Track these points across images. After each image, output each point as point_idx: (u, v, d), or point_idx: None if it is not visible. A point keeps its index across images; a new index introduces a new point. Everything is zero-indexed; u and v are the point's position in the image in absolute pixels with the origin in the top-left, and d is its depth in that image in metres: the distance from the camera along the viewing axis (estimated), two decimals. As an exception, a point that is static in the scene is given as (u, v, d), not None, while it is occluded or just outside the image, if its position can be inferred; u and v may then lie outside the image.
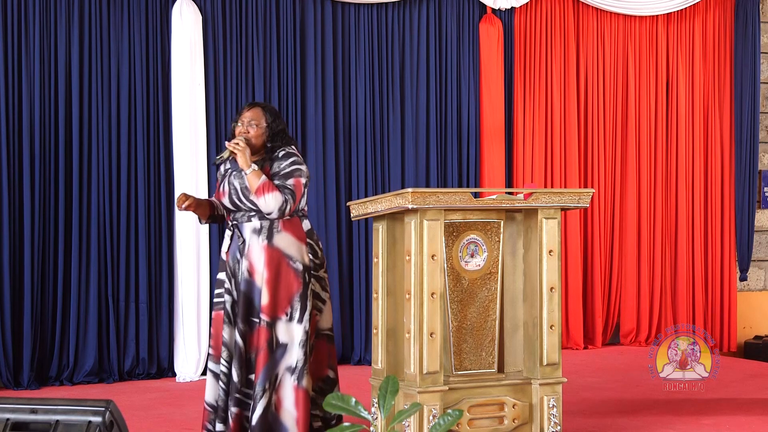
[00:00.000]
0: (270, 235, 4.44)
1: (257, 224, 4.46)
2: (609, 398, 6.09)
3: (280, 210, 4.39)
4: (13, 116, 6.62)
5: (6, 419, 3.74)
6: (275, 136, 4.55)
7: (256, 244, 4.44)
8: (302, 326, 4.42)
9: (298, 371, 4.41)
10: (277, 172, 4.46)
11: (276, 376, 4.40)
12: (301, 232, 4.51)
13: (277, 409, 4.40)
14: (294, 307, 4.42)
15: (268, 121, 4.55)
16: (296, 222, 4.51)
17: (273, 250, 4.43)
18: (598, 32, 8.38)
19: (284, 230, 4.46)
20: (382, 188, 7.55)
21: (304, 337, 4.42)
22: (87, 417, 3.73)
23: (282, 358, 4.41)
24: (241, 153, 4.41)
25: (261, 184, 4.38)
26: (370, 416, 2.45)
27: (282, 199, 4.39)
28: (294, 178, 4.46)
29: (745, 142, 8.77)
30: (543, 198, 4.59)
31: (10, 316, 6.57)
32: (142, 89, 6.91)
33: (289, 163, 4.49)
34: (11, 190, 6.60)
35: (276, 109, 4.67)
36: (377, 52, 7.61)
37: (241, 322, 4.42)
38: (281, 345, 4.41)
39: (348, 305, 7.50)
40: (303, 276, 4.46)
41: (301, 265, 4.46)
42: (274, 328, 4.40)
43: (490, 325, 4.62)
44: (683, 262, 8.56)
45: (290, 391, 4.40)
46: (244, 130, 4.52)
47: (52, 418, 3.74)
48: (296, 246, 4.47)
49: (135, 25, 6.91)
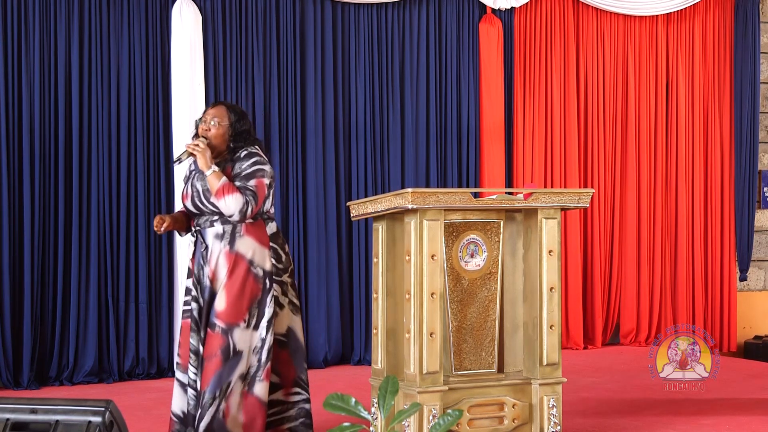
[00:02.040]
0: (232, 241, 4.30)
1: (220, 229, 4.32)
2: (609, 398, 6.09)
3: (241, 212, 4.25)
4: (13, 116, 6.62)
5: (6, 419, 3.74)
6: (238, 136, 4.39)
7: (218, 250, 4.30)
8: (258, 333, 4.30)
9: (250, 378, 4.29)
10: (239, 173, 4.32)
11: (228, 384, 4.25)
12: (265, 236, 4.38)
13: (224, 417, 4.25)
14: (252, 313, 4.29)
15: (231, 120, 4.40)
16: (260, 225, 4.38)
17: (235, 255, 4.29)
18: (598, 32, 8.38)
19: (247, 234, 4.32)
20: (382, 188, 7.55)
21: (260, 343, 4.30)
22: (87, 417, 3.73)
23: (236, 367, 4.27)
24: (200, 154, 4.28)
25: (221, 186, 4.25)
26: (370, 416, 2.45)
27: (243, 200, 4.24)
28: (256, 179, 4.31)
29: (745, 142, 8.77)
30: (543, 198, 4.59)
31: (10, 316, 6.57)
32: (142, 89, 6.91)
33: (251, 163, 4.34)
34: (11, 190, 6.60)
35: (242, 110, 4.52)
36: (377, 52, 7.61)
37: (203, 329, 4.29)
38: (237, 353, 4.27)
39: (348, 305, 7.50)
40: (263, 281, 4.32)
41: (262, 270, 4.33)
42: (230, 335, 4.26)
43: (490, 325, 4.62)
44: (683, 262, 8.56)
45: (238, 397, 4.26)
46: (207, 128, 4.38)
47: (52, 418, 3.74)
48: (259, 250, 4.34)
49: (135, 25, 6.91)
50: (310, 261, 7.34)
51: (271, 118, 7.27)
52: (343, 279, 7.48)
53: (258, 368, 4.31)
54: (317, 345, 7.34)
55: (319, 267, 7.33)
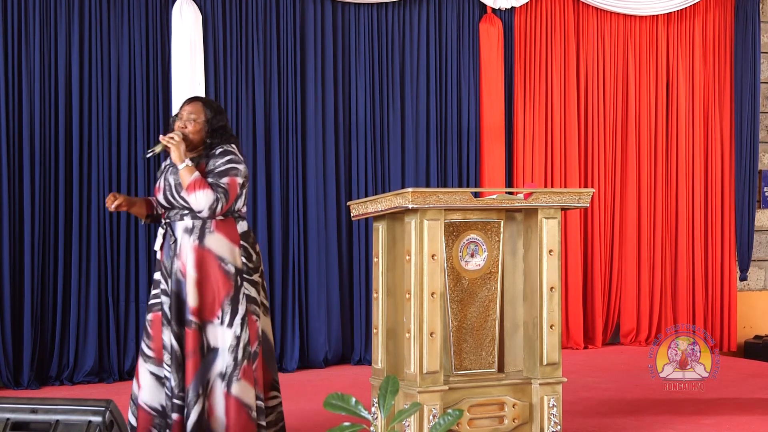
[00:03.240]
0: (201, 236, 4.26)
1: (189, 223, 4.28)
2: (609, 398, 6.09)
3: (210, 209, 4.21)
4: (13, 116, 6.62)
5: (6, 419, 3.74)
6: (214, 133, 4.36)
7: (187, 244, 4.27)
8: (233, 331, 4.24)
9: (227, 377, 4.23)
10: (212, 170, 4.29)
11: (208, 382, 4.24)
12: (235, 233, 4.33)
13: (209, 416, 4.23)
14: (225, 310, 4.25)
15: (207, 116, 4.36)
16: (230, 223, 4.33)
17: (204, 250, 4.26)
18: (598, 32, 8.38)
19: (217, 231, 4.28)
20: (382, 188, 7.55)
21: (235, 341, 4.24)
22: (87, 417, 3.73)
23: (213, 364, 4.24)
24: (175, 147, 4.25)
25: (193, 181, 4.21)
26: (370, 416, 2.45)
27: (213, 197, 4.21)
28: (229, 177, 4.27)
29: (745, 142, 8.77)
30: (543, 198, 4.60)
31: (10, 316, 6.57)
32: (142, 89, 6.91)
33: (226, 161, 4.31)
34: (11, 190, 6.60)
35: (218, 105, 4.50)
36: (377, 52, 7.61)
37: (175, 324, 4.25)
38: (212, 349, 4.25)
39: (348, 305, 7.50)
40: (234, 279, 4.27)
41: (233, 267, 4.28)
42: (204, 332, 4.24)
43: (490, 325, 4.62)
44: (683, 261, 8.56)
45: (221, 398, 4.22)
46: (183, 125, 4.35)
47: (53, 417, 3.74)
48: (229, 248, 4.29)
49: (135, 25, 6.91)
50: (310, 261, 7.34)
51: (271, 117, 7.27)
52: (343, 279, 7.48)
53: (234, 367, 4.24)
54: (317, 345, 7.34)
55: (319, 267, 7.34)
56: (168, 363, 4.25)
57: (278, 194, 7.24)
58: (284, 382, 6.77)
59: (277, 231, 7.23)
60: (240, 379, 4.25)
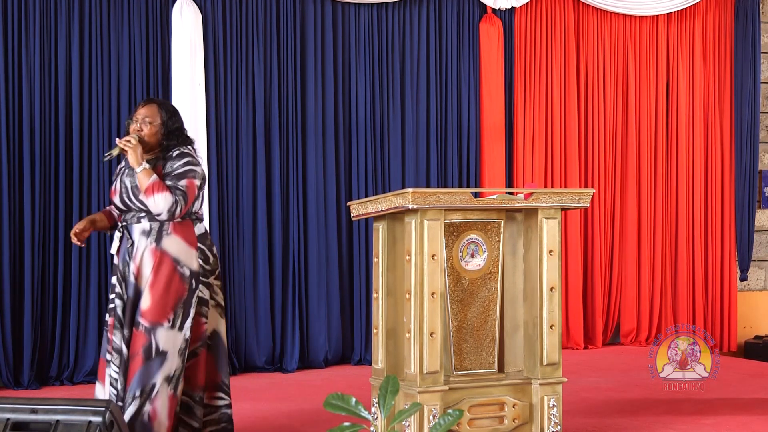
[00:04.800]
0: (159, 238, 4.24)
1: (146, 226, 4.26)
2: (609, 398, 6.09)
3: (169, 211, 4.20)
4: (13, 116, 6.62)
5: (6, 419, 3.75)
6: (170, 135, 4.35)
7: (144, 247, 4.24)
8: (182, 334, 4.22)
9: (174, 380, 4.21)
10: (170, 173, 4.27)
11: (153, 386, 4.17)
12: (192, 236, 4.31)
13: (150, 420, 4.16)
14: (177, 313, 4.22)
15: (163, 118, 4.34)
16: (188, 225, 4.31)
17: (161, 252, 4.23)
18: (598, 32, 8.38)
19: (174, 233, 4.26)
20: (382, 188, 7.55)
21: (183, 345, 4.23)
22: (87, 417, 3.73)
23: (160, 367, 4.19)
24: (131, 150, 4.23)
25: (151, 184, 4.20)
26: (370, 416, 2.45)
27: (172, 200, 4.19)
28: (187, 179, 4.26)
29: (745, 142, 8.77)
30: (543, 198, 4.59)
31: (11, 316, 6.57)
32: (142, 89, 6.90)
33: (183, 163, 4.29)
34: (11, 190, 6.61)
35: (173, 107, 4.47)
36: (377, 51, 7.61)
37: (126, 327, 4.22)
38: (161, 353, 4.19)
39: (348, 305, 7.50)
40: (190, 282, 4.25)
41: (188, 270, 4.26)
42: (153, 334, 4.18)
43: (491, 325, 4.62)
44: (683, 262, 8.56)
45: (166, 401, 4.19)
46: (138, 128, 4.33)
47: (53, 418, 3.74)
48: (185, 250, 4.27)
49: (135, 25, 6.91)
50: (310, 261, 7.34)
51: (272, 117, 7.27)
52: (343, 279, 7.48)
53: (181, 370, 4.23)
54: (317, 345, 7.34)
55: (319, 267, 7.33)
56: (116, 365, 4.23)
57: (278, 194, 7.24)
58: (284, 382, 6.81)
59: (277, 231, 7.23)
60: (181, 381, 4.25)
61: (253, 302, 7.18)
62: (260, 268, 7.19)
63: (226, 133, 7.16)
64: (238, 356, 7.15)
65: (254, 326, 7.18)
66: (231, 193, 7.16)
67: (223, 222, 7.12)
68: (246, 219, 7.18)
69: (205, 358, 4.37)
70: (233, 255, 7.15)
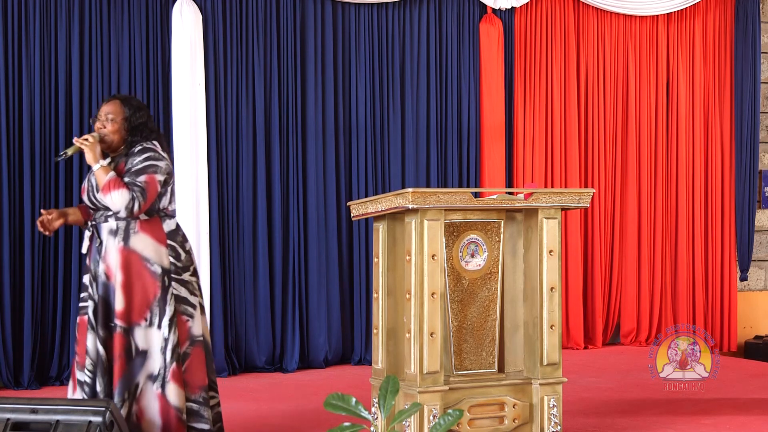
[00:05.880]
0: (126, 237, 4.19)
1: (114, 225, 4.21)
2: (609, 398, 6.09)
3: (127, 209, 4.14)
4: (13, 116, 6.62)
5: (6, 419, 3.75)
6: (135, 130, 4.30)
7: (113, 246, 4.20)
8: (161, 332, 4.18)
9: (161, 378, 4.17)
10: (129, 169, 4.21)
11: (137, 386, 4.16)
12: (161, 233, 4.25)
13: (139, 420, 4.15)
14: (153, 312, 4.18)
15: (126, 114, 4.30)
16: (156, 222, 4.26)
17: (129, 252, 4.18)
18: (598, 32, 8.38)
19: (141, 231, 4.21)
20: (383, 188, 7.55)
21: (164, 343, 4.18)
22: (87, 417, 3.73)
23: (142, 366, 4.17)
24: (88, 149, 4.20)
25: (108, 181, 4.15)
26: (370, 416, 2.45)
27: (129, 196, 4.13)
28: (147, 175, 4.19)
29: (745, 142, 8.77)
30: (543, 198, 4.60)
31: (11, 316, 6.57)
32: (142, 89, 6.90)
33: (143, 159, 4.22)
34: (11, 190, 6.60)
35: (138, 102, 4.42)
36: (377, 52, 7.61)
37: (100, 328, 4.17)
38: (141, 352, 4.17)
39: (348, 305, 7.50)
40: (161, 279, 4.21)
41: (160, 267, 4.21)
42: (131, 335, 4.16)
43: (491, 325, 4.62)
44: (683, 262, 8.56)
45: (153, 400, 4.15)
46: (101, 125, 4.31)
47: (53, 418, 3.74)
48: (154, 248, 4.22)
49: (135, 25, 6.91)
50: (310, 261, 7.34)
51: (272, 118, 7.27)
52: (343, 279, 7.47)
53: (166, 369, 4.19)
54: (317, 345, 7.34)
55: (319, 267, 7.33)
56: (89, 368, 4.18)
57: (278, 194, 7.24)
58: (284, 382, 6.80)
59: (277, 231, 7.23)
60: (170, 381, 4.19)
61: (253, 302, 7.18)
62: (260, 268, 7.19)
63: (226, 133, 7.16)
64: (238, 356, 7.14)
65: (254, 326, 7.18)
66: (231, 193, 7.16)
67: (223, 222, 7.12)
68: (246, 219, 7.18)
69: (200, 358, 4.32)
70: (233, 255, 7.14)
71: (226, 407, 5.78)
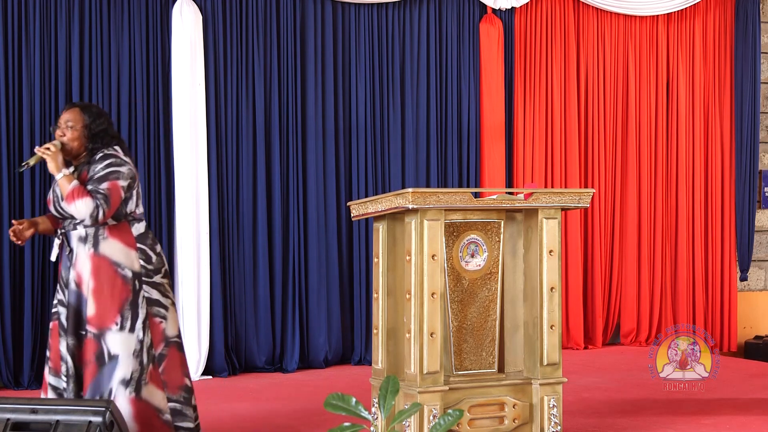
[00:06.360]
0: (96, 243, 4.21)
1: (82, 232, 4.22)
2: (609, 398, 6.09)
3: (91, 217, 4.14)
4: (13, 116, 6.62)
5: (6, 419, 3.75)
6: (95, 137, 4.29)
7: (83, 253, 4.22)
8: (135, 335, 4.19)
9: (134, 382, 4.17)
10: (92, 176, 4.21)
11: (110, 391, 4.15)
12: (130, 237, 4.27)
13: None
14: (125, 315, 4.19)
15: (86, 121, 4.29)
16: (124, 227, 4.27)
17: (99, 258, 4.20)
18: (598, 32, 8.38)
19: (111, 237, 4.22)
20: (383, 188, 7.55)
21: (139, 346, 4.19)
22: (87, 417, 3.73)
23: (114, 371, 4.16)
24: (50, 158, 4.18)
25: (71, 190, 4.15)
26: (370, 416, 2.45)
27: (93, 205, 4.13)
28: (109, 182, 4.19)
29: (745, 142, 8.77)
30: (543, 198, 4.60)
31: (11, 316, 6.57)
32: (142, 89, 6.91)
33: (105, 165, 4.23)
34: (11, 190, 6.60)
35: (98, 109, 4.42)
36: (377, 52, 7.61)
37: (69, 335, 4.18)
38: (113, 357, 4.16)
39: (348, 305, 7.50)
40: (132, 283, 4.22)
41: (130, 271, 4.22)
42: (103, 340, 4.16)
43: (491, 325, 4.62)
44: (683, 262, 8.56)
45: (125, 404, 4.12)
46: (61, 133, 4.28)
47: (53, 418, 3.74)
48: (124, 252, 4.23)
49: (135, 25, 6.91)
50: (310, 261, 7.34)
51: (272, 118, 7.27)
52: (343, 279, 7.47)
53: (141, 372, 4.20)
54: (317, 345, 7.34)
55: (319, 267, 7.33)
56: (65, 374, 4.20)
57: (278, 194, 7.24)
58: (284, 382, 6.80)
59: (277, 231, 7.23)
60: (148, 383, 4.20)
61: (253, 302, 7.18)
62: (260, 269, 7.19)
63: (226, 133, 7.16)
64: (238, 356, 7.14)
65: (254, 326, 7.18)
66: (231, 194, 7.16)
67: (223, 222, 7.12)
68: (246, 219, 7.18)
69: (177, 358, 4.33)
70: (233, 255, 7.14)
71: (227, 407, 5.80)
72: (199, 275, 6.93)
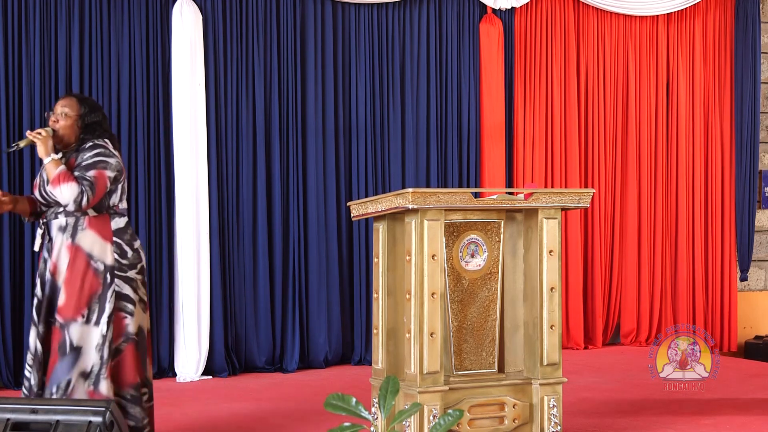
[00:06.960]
0: (74, 233, 4.24)
1: (63, 222, 4.26)
2: (609, 398, 6.09)
3: (75, 202, 4.17)
4: (13, 116, 6.62)
5: (6, 419, 3.75)
6: (87, 128, 4.34)
7: (60, 243, 4.25)
8: (99, 329, 4.20)
9: (93, 376, 4.18)
10: (80, 163, 4.25)
11: (69, 382, 4.16)
12: (108, 230, 4.28)
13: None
14: (92, 308, 4.21)
15: (81, 111, 4.34)
16: (104, 219, 4.29)
17: (75, 248, 4.23)
18: (598, 32, 8.38)
19: (89, 228, 4.26)
20: (383, 188, 7.55)
21: (101, 340, 4.20)
22: (87, 417, 3.73)
23: (76, 363, 4.17)
24: (41, 142, 4.23)
25: (57, 174, 4.18)
26: (370, 416, 2.45)
27: (78, 190, 4.16)
28: (96, 170, 4.23)
29: (745, 142, 8.77)
30: (543, 198, 4.60)
31: (11, 316, 6.57)
32: (142, 89, 6.91)
33: (93, 154, 4.27)
34: (11, 190, 6.59)
35: (95, 103, 4.47)
36: (377, 52, 7.61)
37: (41, 324, 4.22)
38: (75, 348, 4.18)
39: (348, 305, 7.50)
40: (104, 276, 4.23)
41: (103, 264, 4.24)
42: (67, 330, 4.18)
43: (491, 325, 4.62)
44: (683, 262, 8.56)
45: (84, 397, 4.14)
46: (56, 119, 4.33)
47: (53, 418, 3.74)
48: (100, 244, 4.25)
49: (135, 25, 6.91)
50: (310, 261, 7.34)
51: (272, 118, 7.27)
52: (343, 279, 7.47)
53: (101, 366, 4.20)
54: (317, 345, 7.34)
55: (319, 267, 7.33)
56: (29, 363, 4.23)
57: (278, 194, 7.24)
58: (284, 382, 6.80)
59: (277, 231, 7.23)
60: (106, 378, 4.21)
61: (253, 302, 7.18)
62: (260, 269, 7.19)
63: (226, 133, 7.16)
64: (238, 356, 7.14)
65: (254, 326, 7.18)
66: (231, 194, 7.16)
67: (223, 222, 7.12)
68: (246, 219, 7.18)
69: (132, 355, 4.33)
70: (233, 255, 7.15)
71: (226, 407, 5.79)
72: (199, 275, 6.93)
